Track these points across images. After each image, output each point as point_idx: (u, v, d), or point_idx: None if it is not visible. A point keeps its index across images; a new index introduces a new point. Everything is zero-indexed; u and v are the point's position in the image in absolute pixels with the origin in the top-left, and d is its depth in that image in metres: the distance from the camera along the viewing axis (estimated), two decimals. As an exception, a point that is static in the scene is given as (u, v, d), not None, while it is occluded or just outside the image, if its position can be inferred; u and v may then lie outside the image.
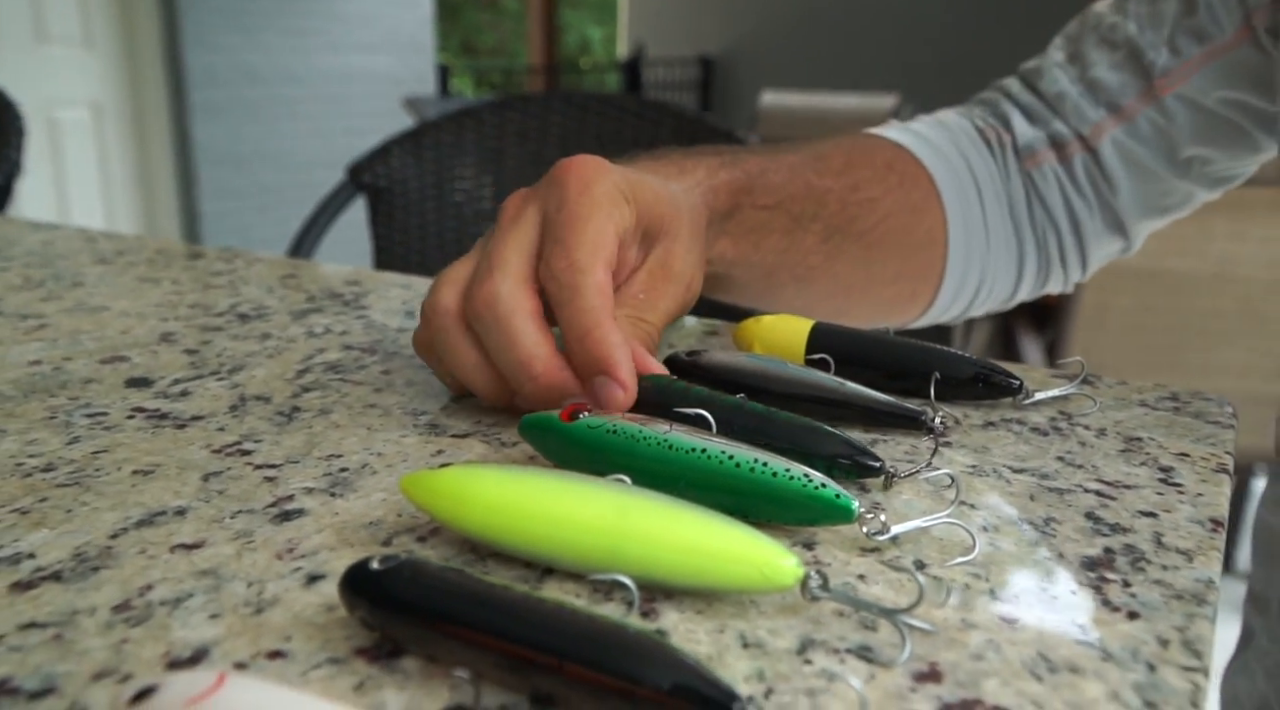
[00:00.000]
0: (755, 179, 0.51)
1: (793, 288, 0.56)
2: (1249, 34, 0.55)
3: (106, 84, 3.75)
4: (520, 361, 0.37)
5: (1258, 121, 0.57)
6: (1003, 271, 0.63)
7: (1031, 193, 0.62)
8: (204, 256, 0.67)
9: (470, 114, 1.36)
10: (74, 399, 0.41)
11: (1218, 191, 0.61)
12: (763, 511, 0.31)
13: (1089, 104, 0.59)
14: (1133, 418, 0.41)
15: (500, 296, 0.37)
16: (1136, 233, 0.62)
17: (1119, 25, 0.59)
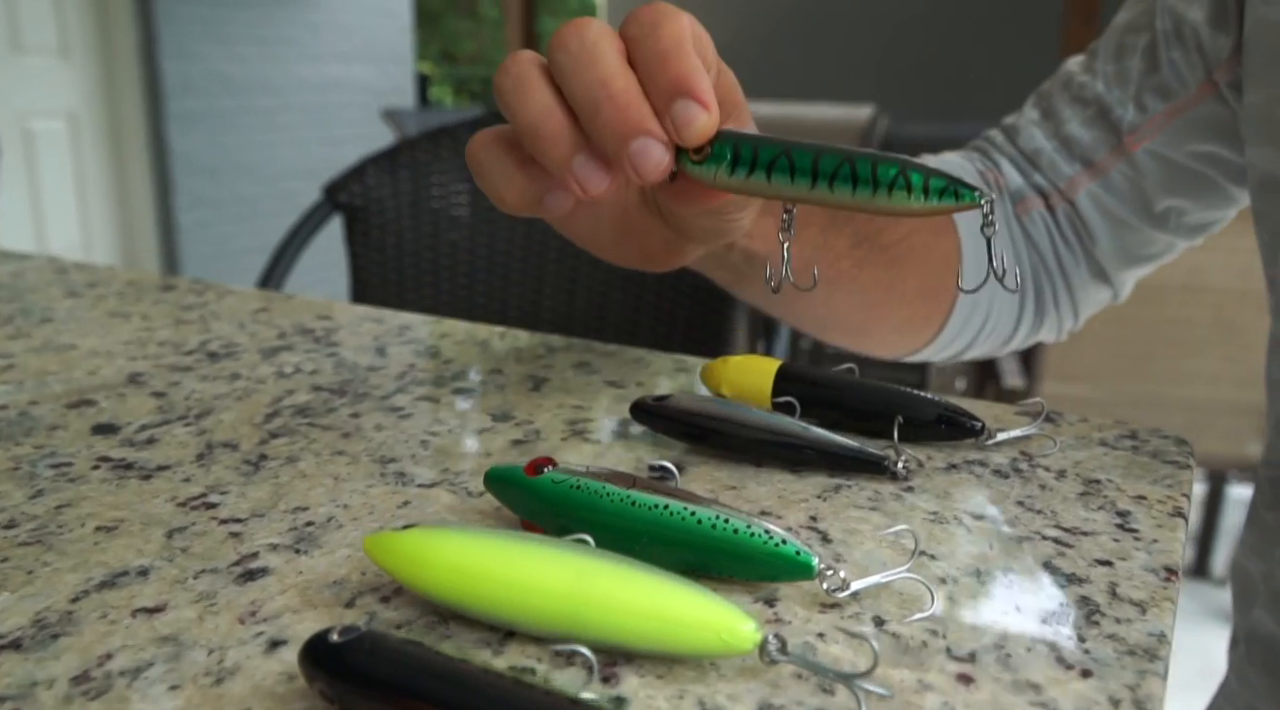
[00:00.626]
0: None
1: (822, 290, 0.55)
2: (1212, 89, 0.56)
3: (83, 94, 3.73)
4: (599, 79, 0.34)
5: (1227, 173, 0.58)
6: (1006, 311, 0.64)
7: (1025, 238, 0.63)
8: (176, 288, 0.67)
9: (447, 132, 1.36)
10: (39, 448, 0.41)
11: (1198, 239, 0.62)
12: (724, 567, 0.31)
13: (1063, 159, 0.61)
14: (1092, 458, 0.42)
15: (591, 24, 0.35)
16: (1121, 281, 0.64)
17: (1088, 84, 0.60)
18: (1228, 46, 0.55)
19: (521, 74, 0.36)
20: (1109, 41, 0.61)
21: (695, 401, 0.42)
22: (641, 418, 0.43)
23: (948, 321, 0.62)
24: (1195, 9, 0.56)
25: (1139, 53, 0.59)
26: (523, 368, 0.53)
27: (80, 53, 3.69)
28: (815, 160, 0.34)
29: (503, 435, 0.44)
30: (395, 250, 1.36)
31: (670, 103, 0.34)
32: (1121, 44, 0.60)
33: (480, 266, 1.33)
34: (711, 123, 0.34)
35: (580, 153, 0.35)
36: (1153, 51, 0.58)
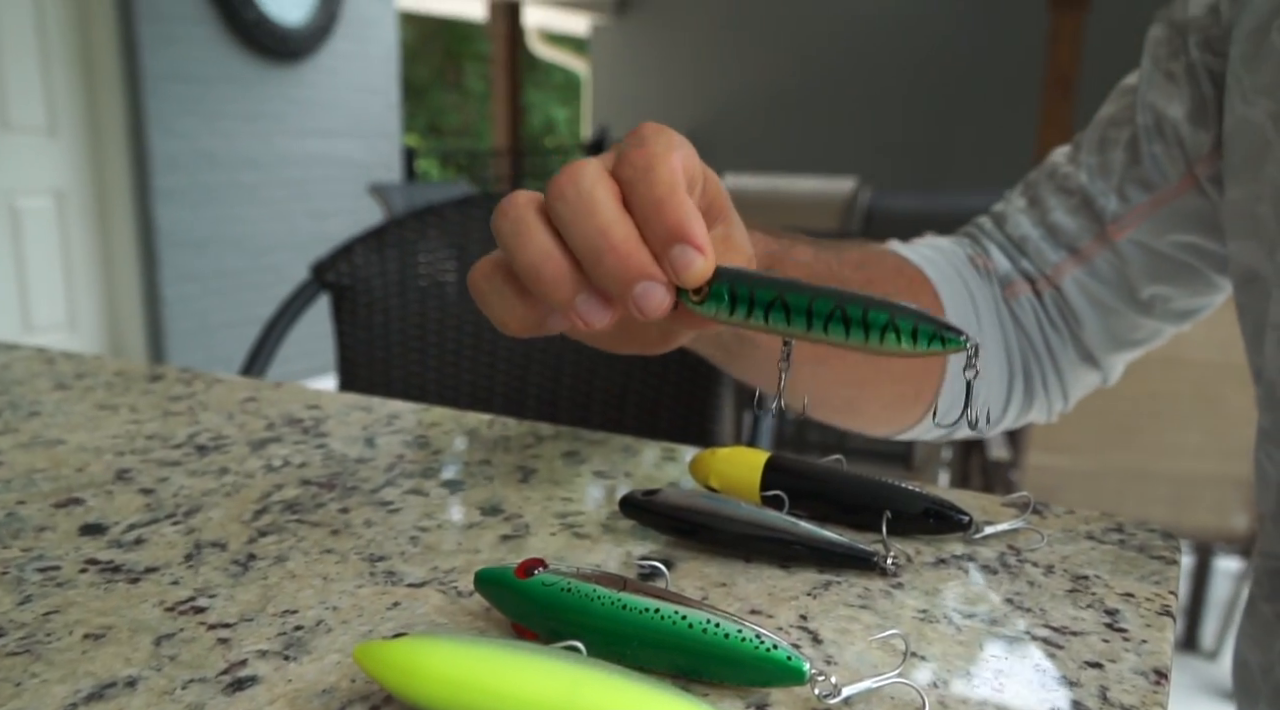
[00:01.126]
0: (786, 250, 0.52)
1: (810, 367, 0.56)
2: (1193, 182, 0.58)
3: (70, 171, 3.76)
4: (599, 229, 0.35)
5: (1209, 262, 0.60)
6: (995, 393, 0.64)
7: (1014, 323, 0.64)
8: (164, 378, 0.67)
9: (434, 211, 1.38)
10: (27, 551, 0.41)
11: (1186, 324, 0.64)
12: (715, 672, 0.31)
13: (1049, 247, 0.62)
14: (1080, 552, 0.42)
15: (585, 172, 0.36)
16: (1110, 365, 0.65)
17: (1072, 175, 0.62)
18: (1207, 142, 0.57)
19: (519, 217, 0.37)
20: (1092, 134, 0.63)
21: (684, 497, 0.43)
22: (631, 512, 0.43)
23: (937, 400, 0.63)
24: (1175, 106, 0.58)
25: (1121, 145, 0.61)
26: (511, 457, 0.53)
27: (68, 130, 3.73)
28: (810, 303, 0.35)
29: (492, 530, 0.44)
30: (382, 328, 1.36)
31: (668, 248, 0.35)
32: (1104, 137, 0.62)
33: (467, 345, 1.34)
34: (707, 267, 0.35)
35: (582, 292, 0.36)
36: (1134, 145, 0.60)
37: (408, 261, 1.36)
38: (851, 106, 7.42)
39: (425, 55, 13.14)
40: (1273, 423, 0.53)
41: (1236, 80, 0.54)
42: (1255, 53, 0.52)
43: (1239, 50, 0.53)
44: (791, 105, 7.73)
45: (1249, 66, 0.52)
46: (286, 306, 1.30)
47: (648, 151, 0.36)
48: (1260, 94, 0.51)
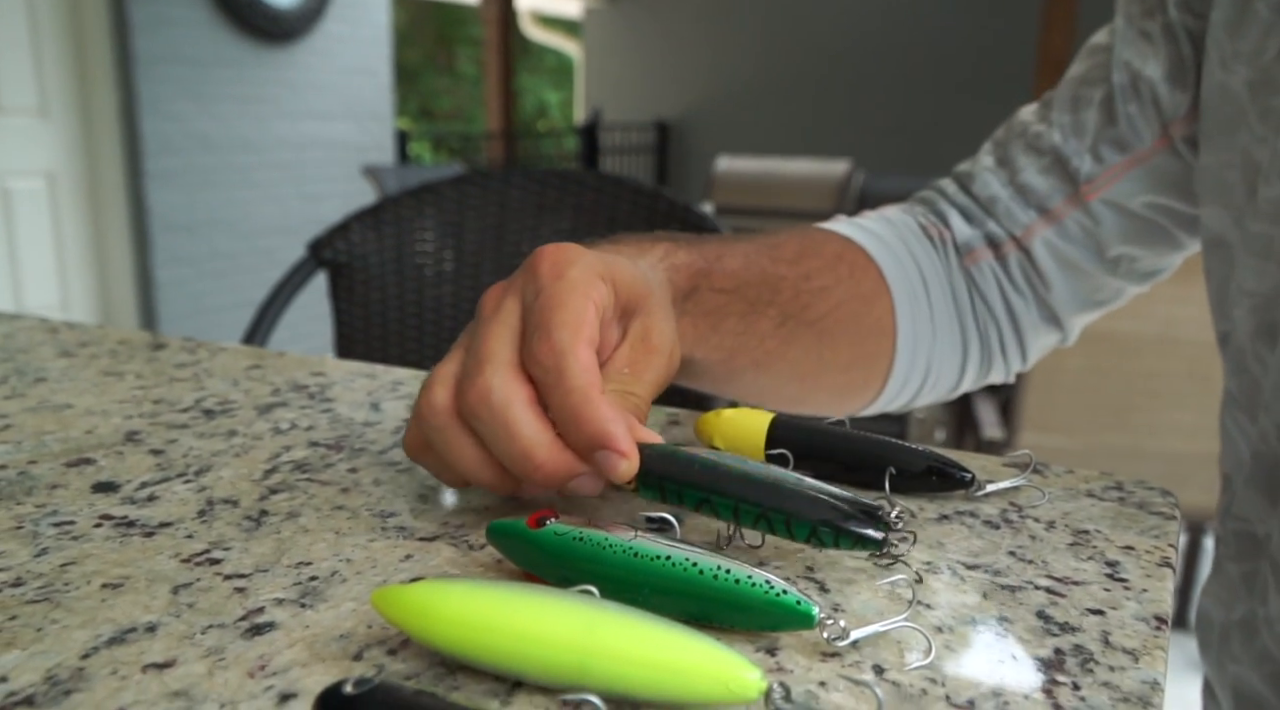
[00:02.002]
0: (712, 263, 0.52)
1: (751, 373, 0.56)
2: (1167, 143, 0.58)
3: (61, 153, 3.74)
4: (522, 453, 0.37)
5: (1179, 222, 0.60)
6: (948, 363, 0.65)
7: (972, 288, 0.64)
8: (167, 347, 0.67)
9: (430, 189, 1.38)
10: (40, 506, 0.41)
11: (1146, 285, 0.64)
12: (726, 617, 0.32)
13: (1019, 207, 0.62)
14: (1080, 509, 0.43)
15: (494, 389, 0.37)
16: (1071, 326, 0.65)
17: (1044, 134, 0.62)
18: (1185, 103, 0.57)
19: (443, 430, 0.39)
20: (1064, 92, 0.62)
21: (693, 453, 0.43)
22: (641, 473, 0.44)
23: (886, 384, 0.63)
24: (1152, 65, 0.58)
25: (1095, 105, 0.60)
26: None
27: (60, 113, 3.71)
28: (735, 508, 0.37)
29: (500, 490, 0.44)
30: (379, 305, 1.36)
31: (591, 454, 0.37)
32: (1077, 96, 0.61)
33: (463, 321, 1.34)
34: (630, 468, 0.37)
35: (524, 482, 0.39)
36: (1109, 104, 0.59)
37: (404, 239, 1.36)
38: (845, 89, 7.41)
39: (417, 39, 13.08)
40: (1239, 387, 0.54)
41: (1217, 45, 0.54)
42: (1239, 19, 0.52)
43: (1221, 15, 0.53)
44: (785, 88, 7.72)
45: (1230, 32, 0.52)
46: (284, 284, 1.30)
47: (554, 345, 0.37)
48: (1240, 62, 0.52)
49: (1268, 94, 0.50)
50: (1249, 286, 0.51)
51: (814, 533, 0.35)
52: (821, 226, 0.64)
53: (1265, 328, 0.50)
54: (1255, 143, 0.50)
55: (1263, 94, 0.50)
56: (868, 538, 0.35)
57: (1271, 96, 0.49)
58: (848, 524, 0.35)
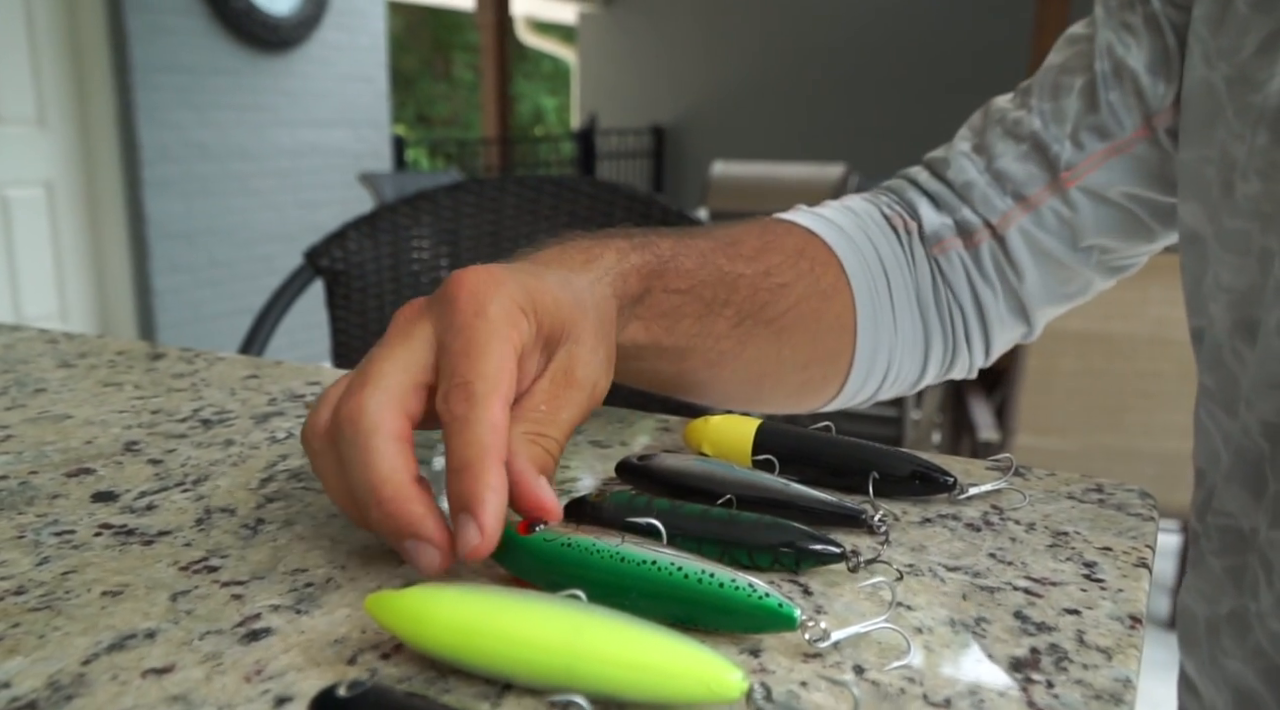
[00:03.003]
0: (666, 263, 0.50)
1: (706, 373, 0.55)
2: (1149, 133, 0.58)
3: (60, 162, 3.75)
4: (370, 484, 0.35)
5: (1155, 214, 0.60)
6: (909, 357, 0.65)
7: (939, 278, 0.64)
8: (165, 356, 0.68)
9: (426, 197, 1.39)
10: (41, 516, 0.42)
11: (1112, 280, 0.65)
12: (711, 620, 0.33)
13: (996, 194, 0.62)
14: (1060, 511, 0.44)
15: (365, 411, 0.35)
16: (1038, 319, 0.65)
17: (1023, 120, 0.62)
18: (1169, 95, 0.57)
19: (311, 446, 0.37)
20: (1043, 80, 0.62)
21: (678, 460, 0.44)
22: (626, 477, 0.45)
23: (847, 380, 0.63)
24: (1135, 55, 0.58)
25: (1076, 92, 0.60)
26: (509, 430, 0.54)
27: (57, 122, 3.72)
28: (697, 548, 0.38)
29: (493, 496, 0.45)
30: (376, 313, 1.37)
31: (457, 514, 0.34)
32: (1057, 83, 0.61)
33: (461, 329, 1.35)
34: (485, 547, 0.34)
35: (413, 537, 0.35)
36: (1091, 91, 0.60)
37: (401, 247, 1.37)
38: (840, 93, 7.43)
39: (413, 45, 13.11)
40: (1215, 382, 0.54)
41: (1199, 39, 0.54)
42: (1220, 15, 0.53)
43: (1202, 10, 0.54)
44: (779, 92, 7.74)
45: (1211, 27, 0.53)
46: (281, 292, 1.31)
47: (469, 394, 0.35)
48: (1220, 57, 0.52)
49: (1245, 91, 0.50)
50: (1226, 282, 0.52)
51: (777, 559, 0.37)
52: (783, 217, 0.63)
53: (1243, 324, 0.51)
54: (1232, 139, 0.51)
55: (1240, 90, 0.51)
56: (829, 554, 0.37)
57: (1249, 93, 0.50)
58: (806, 545, 0.37)
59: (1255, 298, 0.50)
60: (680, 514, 0.39)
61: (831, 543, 0.37)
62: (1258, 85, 0.49)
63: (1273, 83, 0.48)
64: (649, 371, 0.53)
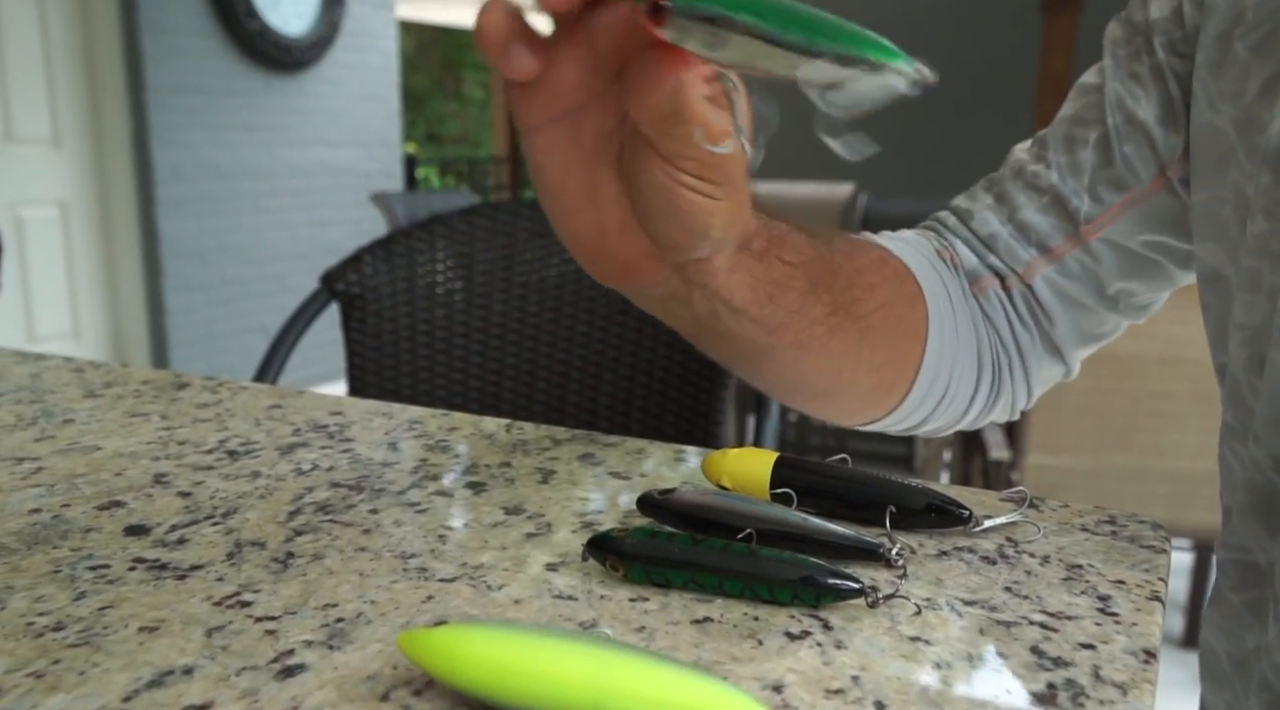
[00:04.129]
0: (786, 235, 0.50)
1: (791, 354, 0.54)
2: (1165, 183, 0.59)
3: (74, 182, 3.78)
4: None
5: (1175, 259, 0.61)
6: (964, 383, 0.65)
7: (983, 317, 0.65)
8: (190, 386, 0.69)
9: (441, 221, 1.40)
10: (76, 550, 0.43)
11: (1141, 318, 0.66)
12: None
13: (1020, 245, 0.63)
14: (1074, 543, 0.45)
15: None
16: (1073, 359, 0.66)
17: (1041, 173, 0.63)
18: (1179, 144, 0.59)
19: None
20: (1058, 132, 0.64)
21: (699, 494, 0.45)
22: (648, 511, 0.46)
23: (910, 391, 0.64)
24: (1145, 108, 0.59)
25: (1090, 145, 0.61)
26: (530, 460, 0.55)
27: (72, 142, 3.75)
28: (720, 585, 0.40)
29: (516, 528, 0.46)
30: (391, 336, 1.39)
31: None
32: (1071, 135, 0.63)
33: (475, 352, 1.36)
34: None
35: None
36: (1105, 145, 0.61)
37: (416, 270, 1.38)
38: (849, 111, 7.42)
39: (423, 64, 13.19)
40: (1236, 418, 0.55)
41: (1202, 85, 0.55)
42: (1221, 60, 0.54)
43: (1205, 56, 0.55)
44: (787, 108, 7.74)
45: (1214, 73, 0.54)
46: (297, 316, 1.32)
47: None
48: (1224, 101, 0.53)
49: (1252, 132, 0.51)
50: (1241, 320, 0.53)
51: (797, 594, 0.38)
52: (858, 236, 0.65)
53: (1255, 359, 0.52)
54: (1245, 179, 0.52)
55: (1248, 132, 0.52)
56: (848, 589, 0.38)
57: (1255, 134, 0.51)
58: (826, 580, 0.38)
59: (1266, 334, 0.51)
60: (702, 550, 0.39)
61: (850, 578, 0.38)
62: (1261, 126, 0.50)
63: (1274, 123, 0.49)
64: (739, 336, 0.51)
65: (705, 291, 0.46)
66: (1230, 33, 0.53)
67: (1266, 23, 0.51)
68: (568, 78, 0.39)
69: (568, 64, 0.38)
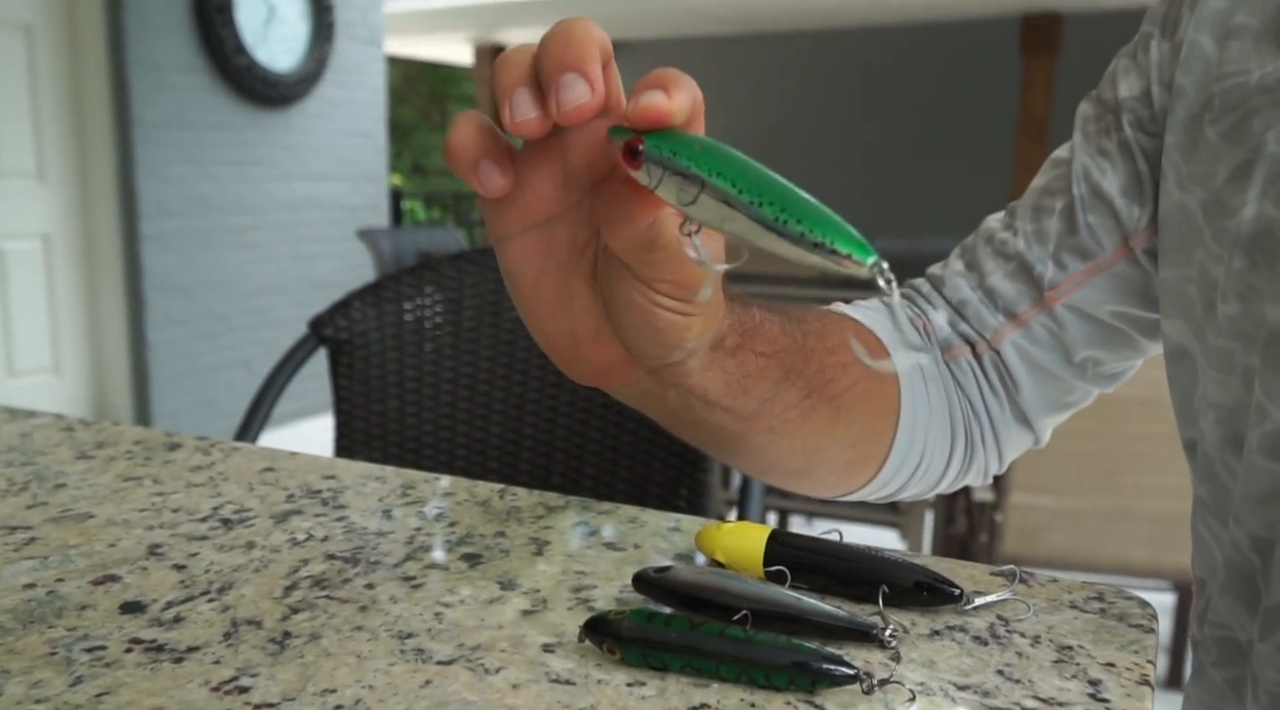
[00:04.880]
0: (758, 325, 0.52)
1: (766, 438, 0.56)
2: (1127, 253, 0.61)
3: (58, 215, 3.78)
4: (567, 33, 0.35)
5: (1141, 329, 0.63)
6: (939, 449, 0.67)
7: (955, 384, 0.66)
8: (182, 447, 0.69)
9: (430, 266, 1.41)
10: (71, 630, 0.43)
11: (1110, 387, 0.67)
12: None
13: (988, 311, 0.64)
14: (1064, 622, 0.45)
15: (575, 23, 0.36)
16: (1042, 428, 0.67)
17: (1009, 241, 0.64)
18: (1144, 217, 0.60)
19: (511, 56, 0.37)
20: (1027, 202, 0.66)
21: (693, 573, 0.45)
22: (643, 588, 0.46)
23: (885, 464, 0.65)
24: (1110, 180, 0.61)
25: (1057, 214, 0.63)
26: (524, 529, 0.56)
27: (57, 176, 3.75)
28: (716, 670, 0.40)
29: (511, 605, 0.46)
30: (379, 381, 1.39)
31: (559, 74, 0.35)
32: (1039, 205, 0.64)
33: (463, 398, 1.36)
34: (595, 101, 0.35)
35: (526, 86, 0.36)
36: (1070, 214, 0.62)
37: (404, 316, 1.39)
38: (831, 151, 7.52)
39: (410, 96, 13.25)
40: (1210, 495, 0.56)
41: (1172, 166, 0.57)
42: (1191, 143, 0.55)
43: (1174, 138, 0.57)
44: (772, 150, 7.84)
45: (1184, 155, 0.56)
46: (284, 362, 1.32)
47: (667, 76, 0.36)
48: (1194, 182, 0.55)
49: (1221, 216, 0.53)
50: (1214, 398, 0.54)
51: (793, 680, 0.38)
52: (830, 308, 0.66)
53: (1232, 438, 0.53)
54: (1211, 261, 0.53)
55: (1216, 215, 0.53)
56: (843, 676, 0.38)
57: (1224, 218, 0.52)
58: (821, 666, 0.38)
59: (1241, 414, 0.52)
60: (698, 635, 0.40)
61: (845, 664, 0.38)
62: (1232, 211, 0.52)
63: (1246, 209, 0.51)
64: (714, 425, 0.53)
65: (679, 389, 0.47)
66: (1200, 117, 0.55)
67: (1235, 111, 0.53)
68: (540, 192, 0.39)
69: (540, 178, 0.39)
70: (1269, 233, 0.50)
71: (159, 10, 3.77)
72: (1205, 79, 0.55)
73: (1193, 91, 0.56)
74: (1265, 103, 0.51)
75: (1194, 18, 0.57)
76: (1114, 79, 0.63)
